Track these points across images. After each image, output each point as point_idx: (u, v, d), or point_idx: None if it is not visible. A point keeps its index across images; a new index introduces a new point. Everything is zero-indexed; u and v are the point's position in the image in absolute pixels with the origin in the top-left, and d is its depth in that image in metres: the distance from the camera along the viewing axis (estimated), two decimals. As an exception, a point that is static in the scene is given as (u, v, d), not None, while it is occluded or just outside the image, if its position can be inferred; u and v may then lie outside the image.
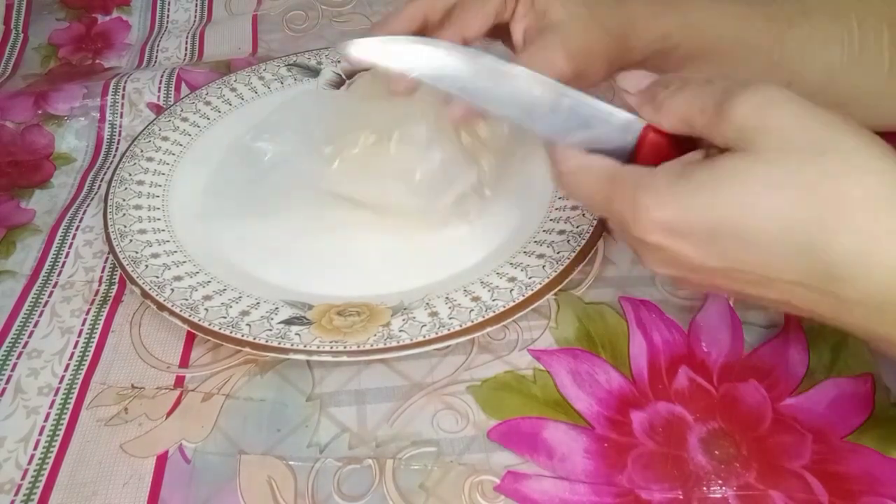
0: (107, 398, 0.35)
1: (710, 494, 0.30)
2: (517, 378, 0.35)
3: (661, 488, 0.30)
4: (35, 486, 0.32)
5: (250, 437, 0.33)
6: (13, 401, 0.36)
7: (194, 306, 0.37)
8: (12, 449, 0.34)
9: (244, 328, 0.35)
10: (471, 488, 0.31)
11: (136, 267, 0.39)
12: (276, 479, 0.32)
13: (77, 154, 0.52)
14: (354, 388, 0.35)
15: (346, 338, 0.35)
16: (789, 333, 0.36)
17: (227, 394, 0.35)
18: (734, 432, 0.32)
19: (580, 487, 0.31)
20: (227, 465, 0.32)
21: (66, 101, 0.53)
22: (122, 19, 0.65)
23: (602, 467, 0.31)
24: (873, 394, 0.33)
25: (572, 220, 0.40)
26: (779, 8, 0.41)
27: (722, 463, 0.31)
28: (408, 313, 0.36)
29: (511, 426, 0.33)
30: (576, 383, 0.35)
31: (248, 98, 0.52)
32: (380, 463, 0.32)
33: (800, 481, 0.30)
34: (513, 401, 0.34)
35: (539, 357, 0.36)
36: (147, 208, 0.43)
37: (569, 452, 0.32)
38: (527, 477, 0.31)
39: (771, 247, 0.24)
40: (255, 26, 0.63)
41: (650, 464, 0.31)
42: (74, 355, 0.38)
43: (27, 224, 0.46)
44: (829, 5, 0.41)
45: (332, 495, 0.31)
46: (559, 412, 0.33)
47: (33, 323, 0.39)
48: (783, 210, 0.24)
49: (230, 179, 0.47)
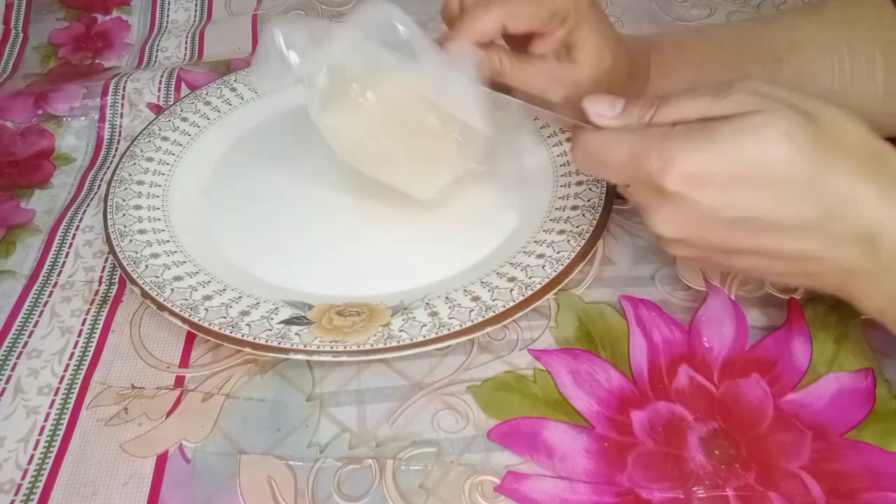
0: (107, 398, 0.35)
1: (709, 494, 0.30)
2: (517, 378, 0.35)
3: (661, 488, 0.30)
4: (35, 486, 0.32)
5: (250, 436, 0.33)
6: (13, 400, 0.36)
7: (194, 306, 0.37)
8: (12, 449, 0.34)
9: (244, 328, 0.35)
10: (471, 488, 0.31)
11: (136, 267, 0.39)
12: (276, 479, 0.32)
13: (77, 154, 0.52)
14: (354, 388, 0.35)
15: (347, 338, 0.35)
16: (792, 324, 0.36)
17: (227, 394, 0.35)
18: (734, 432, 0.32)
19: (580, 487, 0.31)
20: (227, 464, 0.32)
21: (66, 101, 0.53)
22: (122, 19, 0.65)
23: (602, 467, 0.31)
24: (874, 388, 0.33)
25: (572, 220, 0.40)
26: (767, 46, 0.42)
27: (722, 463, 0.31)
28: (408, 313, 0.36)
29: (511, 426, 0.33)
30: (576, 383, 0.35)
31: (247, 98, 0.52)
32: (380, 463, 0.32)
33: (797, 482, 0.30)
34: (513, 401, 0.34)
35: (539, 357, 0.36)
36: (147, 208, 0.43)
37: (569, 452, 0.32)
38: (527, 477, 0.31)
39: (784, 184, 0.27)
40: (255, 27, 0.63)
41: (650, 463, 0.31)
42: (74, 355, 0.38)
43: (27, 224, 0.46)
44: (818, 36, 0.41)
45: (332, 495, 0.31)
46: (559, 412, 0.33)
47: (33, 323, 0.39)
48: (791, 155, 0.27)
49: (230, 179, 0.47)
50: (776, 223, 0.28)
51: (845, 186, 0.27)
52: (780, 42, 0.42)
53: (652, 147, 0.29)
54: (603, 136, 0.31)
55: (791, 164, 0.27)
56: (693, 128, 0.29)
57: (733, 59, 0.42)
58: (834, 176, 0.27)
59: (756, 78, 0.29)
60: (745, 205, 0.28)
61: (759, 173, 0.27)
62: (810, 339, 0.35)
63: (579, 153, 0.32)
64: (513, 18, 0.35)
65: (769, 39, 0.42)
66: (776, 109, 0.28)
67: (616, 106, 0.31)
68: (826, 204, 0.27)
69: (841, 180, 0.27)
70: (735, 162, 0.27)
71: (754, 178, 0.27)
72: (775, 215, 0.28)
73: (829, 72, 0.41)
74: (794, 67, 0.41)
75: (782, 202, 0.28)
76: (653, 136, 0.29)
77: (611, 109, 0.31)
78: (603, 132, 0.31)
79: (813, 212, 0.28)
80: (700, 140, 0.28)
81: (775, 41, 0.42)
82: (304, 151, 0.47)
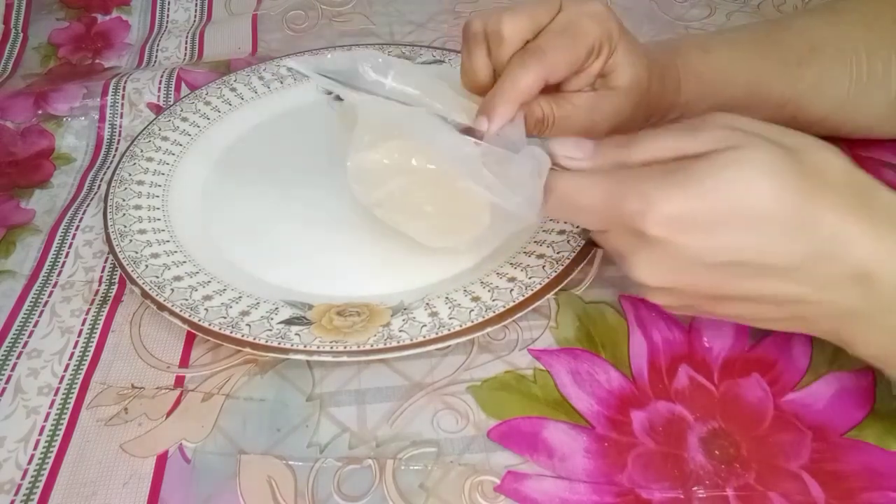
0: (107, 398, 0.35)
1: (709, 494, 0.30)
2: (517, 378, 0.35)
3: (661, 488, 0.30)
4: (35, 486, 0.32)
5: (250, 436, 0.33)
6: (13, 400, 0.36)
7: (194, 306, 0.37)
8: (12, 449, 0.34)
9: (244, 328, 0.35)
10: (471, 488, 0.31)
11: (136, 267, 0.39)
12: (276, 479, 0.32)
13: (77, 154, 0.52)
14: (354, 387, 0.35)
15: (347, 338, 0.35)
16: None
17: (227, 394, 0.35)
18: (734, 432, 0.32)
19: (580, 487, 0.31)
20: (227, 464, 0.32)
21: (66, 102, 0.53)
22: (122, 19, 0.65)
23: (602, 467, 0.31)
24: (874, 388, 0.33)
25: (572, 219, 0.40)
26: (789, 47, 0.41)
27: (722, 463, 0.31)
28: (408, 313, 0.36)
29: (511, 426, 0.33)
30: (576, 383, 0.35)
31: (247, 98, 0.52)
32: (380, 463, 0.32)
33: (797, 482, 0.30)
34: (513, 401, 0.34)
35: (539, 357, 0.36)
36: (147, 208, 0.43)
37: (569, 452, 0.32)
38: (527, 477, 0.31)
39: (769, 222, 0.26)
40: (255, 26, 0.63)
41: (650, 463, 0.31)
42: (74, 355, 0.38)
43: (27, 224, 0.46)
44: (836, 39, 0.41)
45: (332, 495, 0.31)
46: (559, 412, 0.33)
47: (33, 323, 0.39)
48: (776, 192, 0.26)
49: (230, 179, 0.47)
50: (765, 264, 0.26)
51: (834, 223, 0.26)
52: (800, 45, 0.41)
53: (629, 189, 0.27)
54: (575, 178, 0.29)
55: (776, 201, 0.26)
56: (671, 167, 0.27)
57: (759, 64, 0.41)
58: (821, 211, 0.26)
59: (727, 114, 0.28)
60: (731, 246, 0.26)
61: (742, 212, 0.26)
62: (810, 338, 0.35)
63: (550, 198, 0.30)
64: (553, 70, 0.33)
65: (790, 42, 0.41)
66: (756, 145, 0.26)
67: (584, 147, 0.30)
68: (815, 241, 0.26)
69: (829, 216, 0.26)
70: (718, 201, 0.26)
71: (738, 217, 0.26)
72: (763, 256, 0.26)
73: (848, 75, 0.40)
74: (815, 71, 0.41)
75: (770, 242, 0.26)
76: (629, 177, 0.28)
77: (579, 151, 0.30)
78: (575, 175, 0.29)
79: (802, 251, 0.26)
80: (680, 179, 0.26)
81: (796, 44, 0.41)
82: (305, 151, 0.47)
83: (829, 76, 0.41)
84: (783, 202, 0.26)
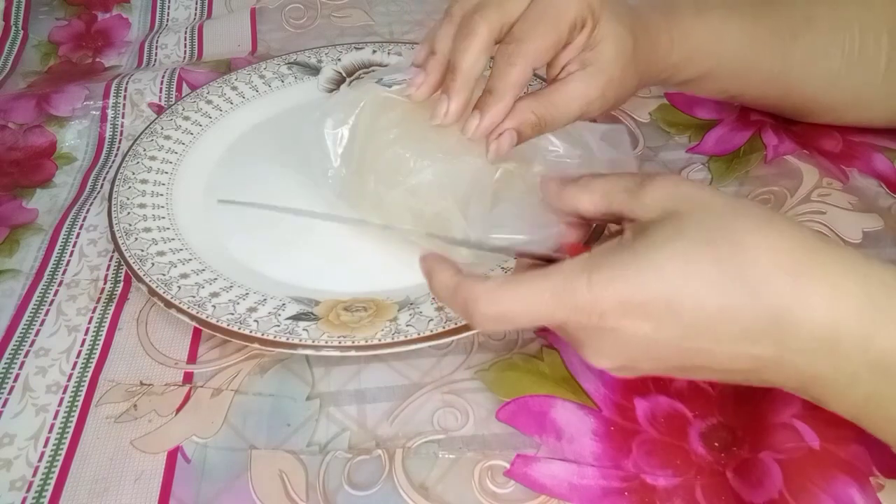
0: (115, 395, 0.36)
1: (710, 481, 0.31)
2: (525, 358, 0.35)
3: (664, 475, 0.31)
4: (46, 483, 0.32)
5: (260, 431, 0.34)
6: (22, 398, 0.36)
7: (201, 303, 0.37)
8: (23, 446, 0.34)
9: (252, 324, 0.36)
10: (480, 474, 0.31)
11: (142, 265, 0.39)
12: (286, 473, 0.32)
13: (78, 153, 0.52)
14: (354, 387, 0.35)
15: (354, 333, 0.35)
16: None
17: (236, 389, 0.35)
18: (732, 425, 0.33)
19: (588, 471, 0.31)
20: (237, 459, 0.33)
21: (68, 103, 0.53)
22: (122, 17, 0.65)
23: (609, 450, 0.32)
24: None
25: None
26: (784, 18, 0.41)
27: (721, 451, 0.32)
28: (414, 308, 0.37)
29: (519, 405, 0.33)
30: (583, 361, 0.34)
31: (249, 97, 0.52)
32: (389, 453, 0.32)
33: (790, 431, 0.31)
34: (521, 380, 0.34)
35: (547, 335, 0.36)
36: (151, 206, 0.44)
37: (577, 434, 0.32)
38: (536, 460, 0.32)
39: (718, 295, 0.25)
40: (254, 23, 0.63)
41: (653, 451, 0.32)
42: (82, 353, 0.38)
43: (30, 223, 0.46)
44: (832, 13, 0.41)
45: (342, 486, 0.31)
46: (567, 390, 0.34)
47: (39, 321, 0.39)
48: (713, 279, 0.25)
49: (234, 177, 0.47)
50: (725, 334, 0.25)
51: (787, 286, 0.25)
52: (796, 15, 0.41)
53: (576, 280, 0.26)
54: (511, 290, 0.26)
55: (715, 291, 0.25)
56: (615, 248, 0.26)
57: (752, 30, 0.41)
58: (773, 277, 0.25)
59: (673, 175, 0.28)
60: (681, 333, 0.25)
61: (684, 303, 0.25)
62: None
63: (482, 321, 0.27)
64: (540, 57, 0.33)
65: (787, 11, 0.41)
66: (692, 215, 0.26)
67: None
68: (770, 306, 0.25)
69: (782, 279, 0.25)
70: (661, 293, 0.25)
71: (682, 309, 0.25)
72: (719, 329, 0.25)
73: (839, 51, 0.40)
74: (806, 44, 0.40)
75: (724, 315, 0.25)
76: (572, 268, 0.26)
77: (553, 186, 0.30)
78: (510, 285, 0.26)
79: (759, 317, 0.25)
80: (626, 260, 0.25)
81: (793, 14, 0.41)
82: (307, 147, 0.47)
83: (821, 47, 0.41)
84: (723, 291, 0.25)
